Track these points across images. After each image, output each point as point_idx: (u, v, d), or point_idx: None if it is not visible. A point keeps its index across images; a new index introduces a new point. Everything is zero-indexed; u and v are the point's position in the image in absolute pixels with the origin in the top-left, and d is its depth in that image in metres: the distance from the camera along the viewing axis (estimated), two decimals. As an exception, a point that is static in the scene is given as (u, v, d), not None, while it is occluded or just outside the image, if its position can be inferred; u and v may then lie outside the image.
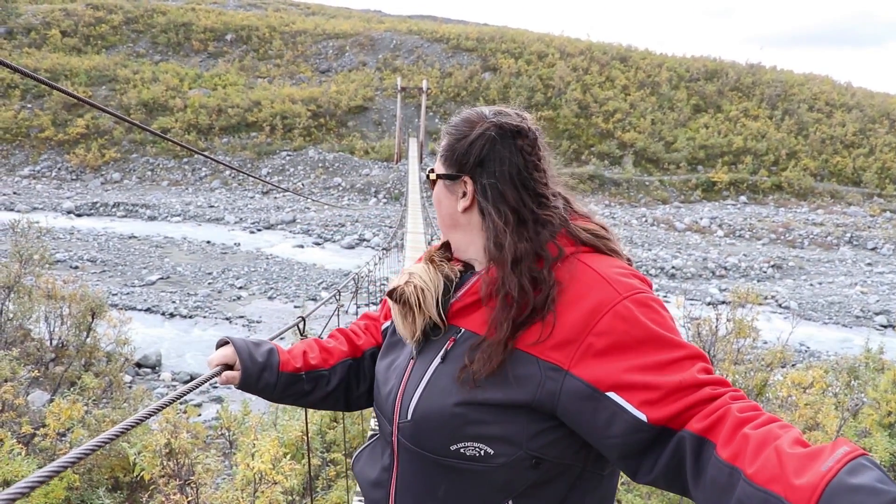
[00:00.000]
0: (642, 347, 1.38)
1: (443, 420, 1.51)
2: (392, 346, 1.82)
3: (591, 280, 1.49)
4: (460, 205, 1.66)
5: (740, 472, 1.16)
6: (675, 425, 1.32)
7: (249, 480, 3.91)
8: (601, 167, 45.17)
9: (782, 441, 1.15)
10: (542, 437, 1.48)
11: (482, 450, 1.48)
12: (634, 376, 1.35)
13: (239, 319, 18.73)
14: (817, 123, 51.95)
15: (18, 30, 54.84)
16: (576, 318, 1.44)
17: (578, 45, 59.64)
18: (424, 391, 1.57)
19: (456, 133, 1.67)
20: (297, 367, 1.86)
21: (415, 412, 1.56)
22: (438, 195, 1.70)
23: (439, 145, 1.73)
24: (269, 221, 33.15)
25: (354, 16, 78.82)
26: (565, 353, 1.42)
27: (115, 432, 1.39)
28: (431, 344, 1.64)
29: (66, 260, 23.43)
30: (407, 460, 1.60)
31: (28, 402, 8.12)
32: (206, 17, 60.50)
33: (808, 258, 31.47)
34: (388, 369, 1.75)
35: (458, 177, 1.66)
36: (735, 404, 1.28)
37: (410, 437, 1.57)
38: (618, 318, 1.40)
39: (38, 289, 10.16)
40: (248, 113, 47.12)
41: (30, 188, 39.13)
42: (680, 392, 1.32)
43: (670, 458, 1.31)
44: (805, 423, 4.95)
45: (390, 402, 1.64)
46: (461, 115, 1.72)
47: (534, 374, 1.45)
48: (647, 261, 28.33)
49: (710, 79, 56.69)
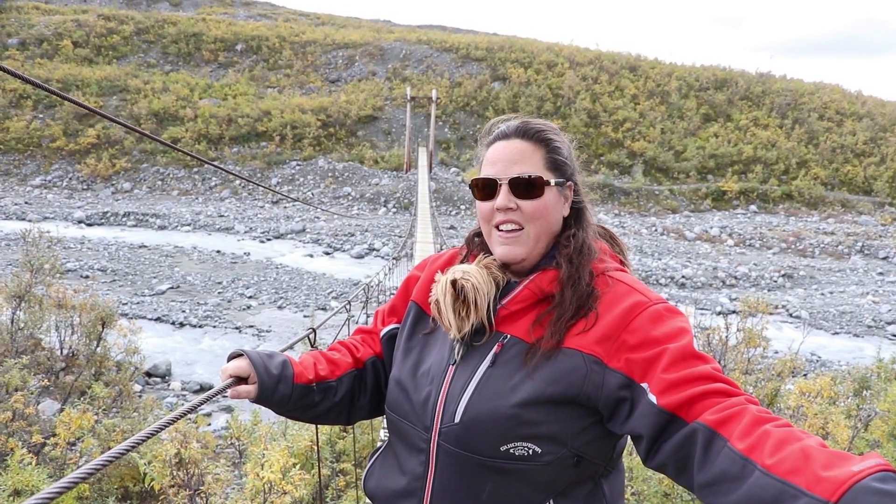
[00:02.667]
0: (666, 342, 1.50)
1: (495, 421, 1.57)
2: (411, 351, 1.83)
3: (624, 290, 1.64)
4: (565, 210, 1.76)
5: (755, 464, 1.20)
6: (687, 415, 1.40)
7: (259, 490, 3.90)
8: (611, 176, 45.13)
9: (808, 441, 1.18)
10: (585, 434, 1.59)
11: (531, 449, 1.56)
12: (656, 365, 1.48)
13: (249, 329, 18.73)
14: (827, 132, 51.78)
15: (31, 41, 55.29)
16: (613, 318, 1.58)
17: (588, 55, 59.71)
18: (474, 394, 1.62)
19: (558, 141, 1.76)
20: (310, 379, 1.86)
21: (464, 415, 1.60)
22: (552, 202, 1.72)
23: (539, 151, 1.75)
24: (279, 231, 33.20)
25: (364, 26, 79.10)
26: (604, 348, 1.55)
27: (128, 445, 1.39)
28: (475, 350, 1.69)
29: (77, 269, 23.52)
30: (447, 465, 1.63)
31: (38, 412, 8.14)
32: (217, 27, 60.85)
33: (819, 267, 31.30)
34: (414, 375, 1.77)
35: (565, 182, 1.75)
36: (752, 406, 1.34)
37: (457, 440, 1.61)
38: (648, 318, 1.55)
39: (48, 298, 10.19)
40: (257, 123, 47.29)
41: (41, 198, 39.35)
42: (692, 382, 1.43)
43: (679, 446, 1.39)
44: (814, 433, 4.91)
45: (430, 407, 1.67)
46: (544, 122, 1.79)
47: (579, 367, 1.56)
48: (657, 270, 28.23)
49: (720, 88, 56.63)
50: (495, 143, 1.77)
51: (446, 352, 1.73)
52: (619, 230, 36.49)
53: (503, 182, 1.70)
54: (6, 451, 6.42)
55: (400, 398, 1.78)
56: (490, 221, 1.74)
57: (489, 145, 1.79)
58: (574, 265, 1.67)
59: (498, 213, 1.70)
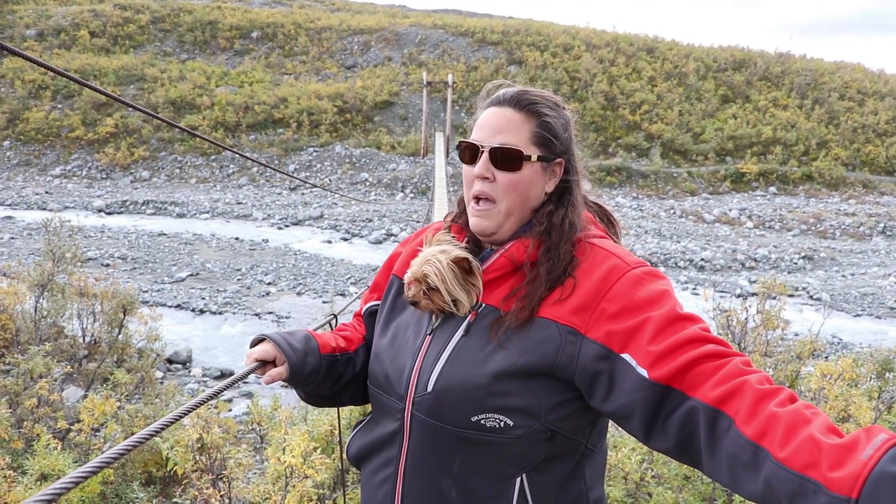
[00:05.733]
0: (648, 309, 1.46)
1: (466, 391, 1.55)
2: (391, 323, 1.84)
3: (602, 256, 1.60)
4: (549, 186, 1.73)
5: (768, 453, 1.18)
6: (682, 386, 1.36)
7: (280, 475, 3.94)
8: (628, 159, 44.85)
9: (815, 427, 1.16)
10: (559, 409, 1.55)
11: (502, 421, 1.53)
12: (640, 335, 1.43)
13: (268, 315, 18.85)
14: (849, 112, 51.03)
15: (49, 31, 55.51)
16: (590, 286, 1.54)
17: (604, 37, 59.16)
18: (447, 363, 1.60)
19: (551, 115, 1.73)
20: (333, 348, 1.88)
21: (436, 384, 1.59)
22: (531, 177, 1.69)
23: (525, 122, 1.71)
24: (297, 217, 33.29)
25: (379, 11, 78.82)
26: (581, 318, 1.52)
27: (153, 429, 1.42)
28: (451, 319, 1.68)
29: (98, 258, 23.71)
30: (420, 435, 1.62)
31: (63, 398, 8.24)
32: (232, 15, 60.84)
33: (840, 249, 31.01)
34: (392, 346, 1.77)
35: (552, 159, 1.72)
36: (751, 376, 1.30)
37: (429, 409, 1.60)
38: (627, 284, 1.52)
39: (70, 286, 10.29)
40: (274, 110, 47.33)
41: (61, 187, 39.65)
42: (681, 348, 1.38)
43: (681, 425, 1.35)
44: (836, 415, 4.88)
45: (405, 377, 1.66)
46: (542, 94, 1.77)
47: (554, 337, 1.53)
48: (676, 253, 28.09)
49: (739, 69, 55.98)
50: (489, 108, 1.76)
51: (424, 322, 1.72)
52: (638, 213, 36.32)
53: (484, 149, 1.68)
54: (33, 436, 6.51)
55: (377, 370, 1.78)
56: (470, 188, 1.72)
57: (484, 108, 1.78)
58: (551, 241, 1.63)
59: (476, 181, 1.69)
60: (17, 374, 7.36)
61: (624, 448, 4.54)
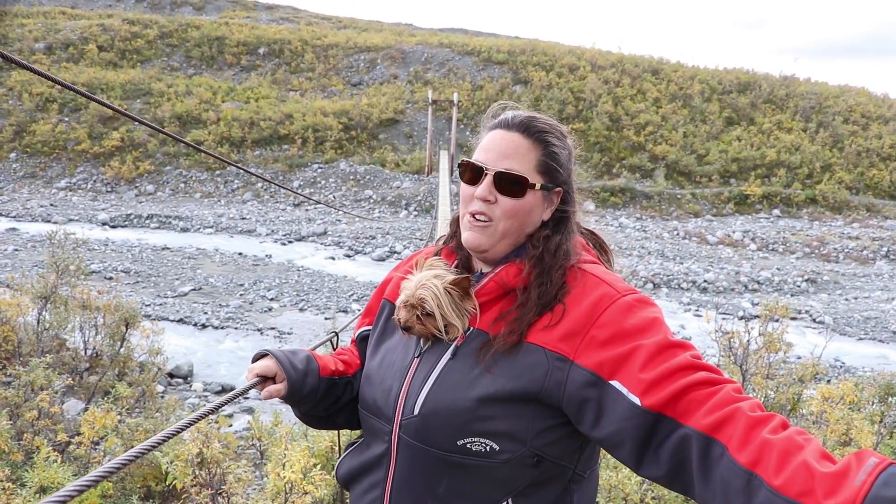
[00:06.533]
0: (639, 337, 1.45)
1: (452, 415, 1.55)
2: (381, 347, 1.84)
3: (593, 283, 1.60)
4: (546, 214, 1.73)
5: (762, 481, 1.17)
6: (674, 414, 1.35)
7: (280, 490, 3.93)
8: (632, 180, 44.90)
9: (808, 454, 1.16)
10: (546, 434, 1.54)
11: (488, 445, 1.53)
12: (631, 363, 1.42)
13: (270, 331, 18.83)
14: (853, 136, 51.10)
15: (57, 45, 55.91)
16: (580, 313, 1.53)
17: (609, 58, 59.42)
18: (433, 387, 1.60)
19: (557, 145, 1.72)
20: (332, 371, 1.88)
21: (423, 407, 1.59)
22: (532, 204, 1.68)
23: (533, 150, 1.71)
24: (301, 233, 33.33)
25: (386, 29, 79.26)
26: (570, 345, 1.51)
27: (152, 443, 1.43)
28: (439, 342, 1.67)
29: (101, 271, 23.74)
30: (407, 458, 1.62)
31: (63, 411, 8.24)
32: (239, 31, 61.23)
33: (844, 272, 30.96)
34: (379, 368, 1.77)
35: (554, 188, 1.72)
36: (743, 403, 1.30)
37: (415, 432, 1.59)
38: (617, 311, 1.51)
39: (73, 299, 10.31)
40: (280, 126, 47.49)
41: (66, 200, 39.76)
42: (673, 375, 1.38)
43: (673, 453, 1.34)
44: (837, 439, 4.87)
45: (392, 399, 1.65)
46: (551, 123, 1.76)
47: (541, 363, 1.52)
48: (679, 274, 28.05)
49: (743, 91, 56.17)
50: (495, 130, 1.75)
51: (412, 345, 1.72)
52: (641, 234, 36.31)
53: (489, 172, 1.67)
54: (32, 448, 6.51)
55: (366, 392, 1.78)
56: (467, 205, 1.71)
57: (490, 129, 1.78)
58: (543, 266, 1.63)
59: (476, 201, 1.68)
60: (18, 386, 7.37)
61: (624, 469, 4.53)
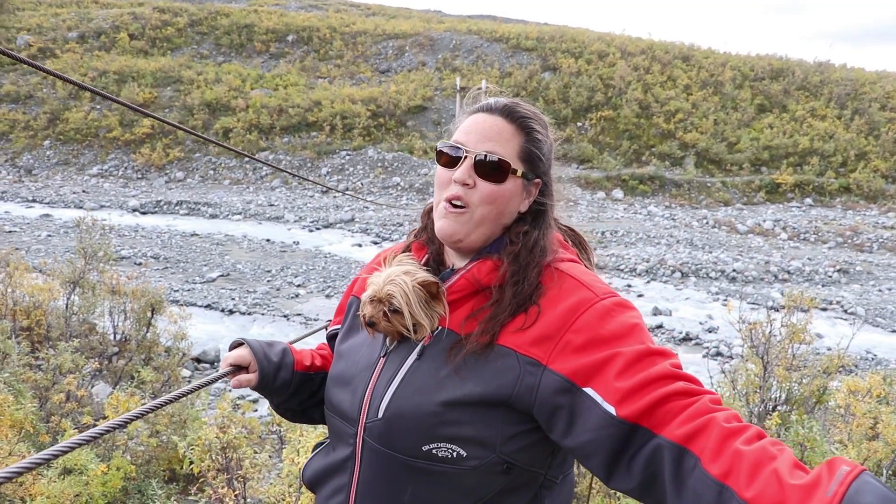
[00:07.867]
0: (616, 344, 1.39)
1: (417, 418, 1.48)
2: (344, 345, 1.80)
3: (570, 285, 1.52)
4: (524, 205, 1.66)
5: (734, 493, 1.14)
6: (650, 424, 1.30)
7: (295, 476, 3.96)
8: (662, 168, 44.48)
9: (780, 464, 1.12)
10: (516, 440, 1.48)
11: (455, 451, 1.46)
12: (607, 370, 1.36)
13: (296, 317, 18.95)
14: (890, 123, 50.02)
15: (90, 34, 56.53)
16: (555, 316, 1.46)
17: (639, 45, 58.79)
18: (398, 389, 1.53)
19: (540, 134, 1.67)
20: (308, 367, 1.86)
21: (387, 410, 1.52)
22: (511, 191, 1.61)
23: (518, 135, 1.65)
24: (328, 220, 33.46)
25: (414, 16, 79.06)
26: (544, 349, 1.44)
27: (122, 420, 1.52)
28: (405, 341, 1.60)
29: (131, 256, 24.01)
30: (371, 462, 1.55)
31: (92, 394, 8.36)
32: (269, 18, 61.42)
33: (877, 263, 30.44)
34: (345, 368, 1.71)
35: (532, 178, 1.65)
36: (718, 414, 1.25)
37: (379, 436, 1.53)
38: (595, 316, 1.44)
39: (102, 284, 10.44)
40: (308, 113, 47.63)
41: (98, 187, 40.28)
42: (650, 385, 1.32)
43: (646, 464, 1.29)
44: (863, 433, 4.78)
45: (356, 401, 1.59)
46: (534, 110, 1.70)
47: (512, 367, 1.45)
48: (708, 263, 27.77)
49: (776, 78, 55.30)
50: (476, 114, 1.68)
51: (378, 344, 1.65)
52: (670, 222, 35.99)
53: (469, 155, 1.59)
54: (59, 430, 6.61)
55: (331, 393, 1.72)
56: (444, 190, 1.62)
57: (470, 113, 1.70)
58: (520, 263, 1.55)
59: (454, 185, 1.59)
60: (47, 370, 7.49)
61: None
